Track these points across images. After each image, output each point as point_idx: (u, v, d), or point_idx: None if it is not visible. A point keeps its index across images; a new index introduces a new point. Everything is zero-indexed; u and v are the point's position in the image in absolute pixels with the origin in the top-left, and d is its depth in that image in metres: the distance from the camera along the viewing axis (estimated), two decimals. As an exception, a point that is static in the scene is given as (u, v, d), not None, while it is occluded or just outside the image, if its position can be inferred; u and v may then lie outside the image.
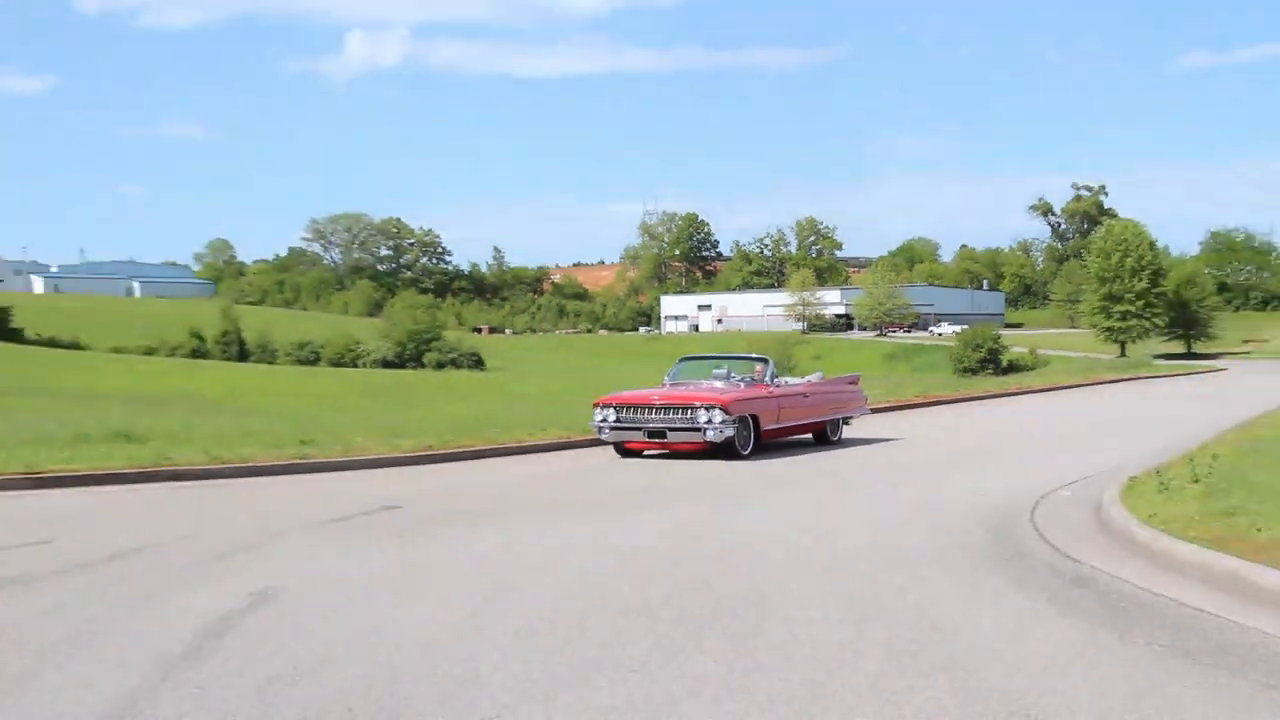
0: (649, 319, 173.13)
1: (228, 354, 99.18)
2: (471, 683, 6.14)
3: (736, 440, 18.43)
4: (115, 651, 6.72)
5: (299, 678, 6.19)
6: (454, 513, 12.95)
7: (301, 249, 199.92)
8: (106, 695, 5.89)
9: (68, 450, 16.73)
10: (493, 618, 7.69)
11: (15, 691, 5.98)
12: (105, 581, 8.86)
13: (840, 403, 22.36)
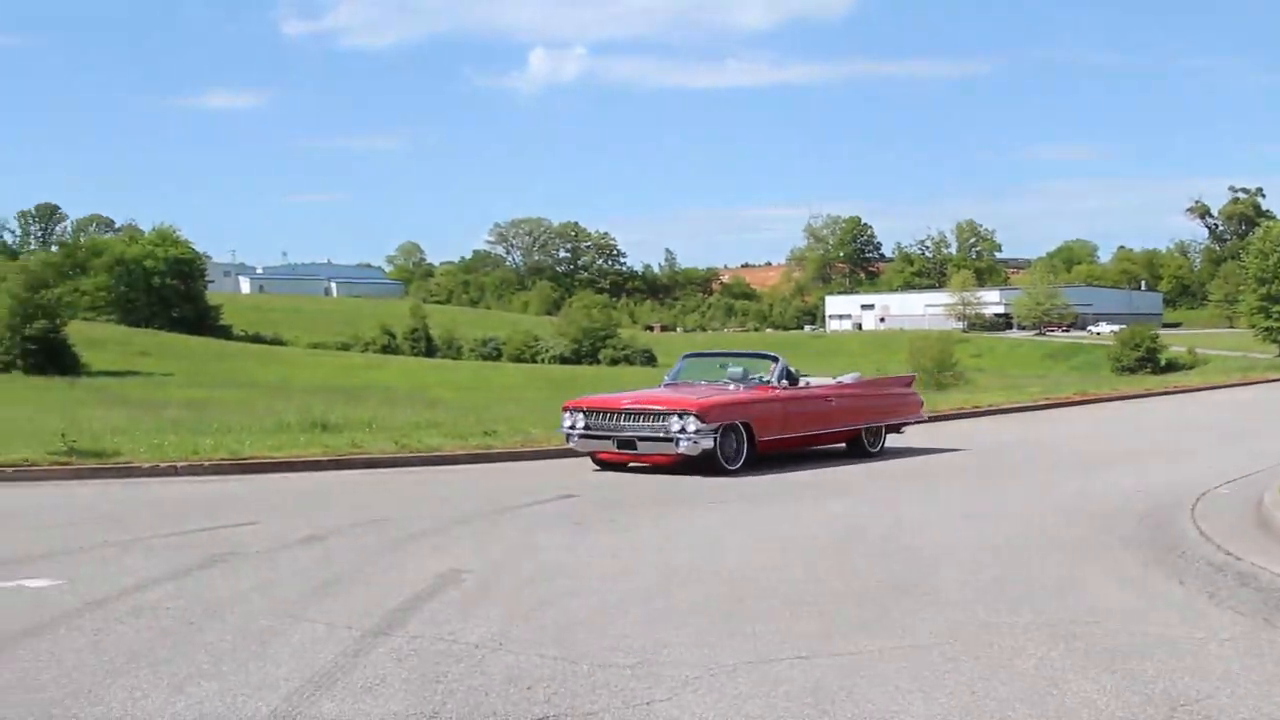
0: (814, 318, 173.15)
1: (416, 349, 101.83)
2: (650, 660, 6.38)
3: (720, 453, 15.70)
4: (323, 622, 7.18)
5: (498, 645, 6.58)
6: (626, 501, 13.41)
7: (486, 251, 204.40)
8: (322, 658, 6.32)
9: (270, 439, 17.77)
10: (667, 599, 8.00)
11: (229, 661, 6.42)
12: (307, 561, 9.44)
13: (881, 408, 19.03)
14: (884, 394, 19.75)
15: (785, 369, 17.56)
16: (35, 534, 10.79)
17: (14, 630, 6.94)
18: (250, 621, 7.24)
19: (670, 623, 7.31)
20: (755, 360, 18.77)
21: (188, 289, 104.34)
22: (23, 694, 5.71)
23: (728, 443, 15.93)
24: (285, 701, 5.62)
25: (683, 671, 6.18)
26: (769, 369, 17.66)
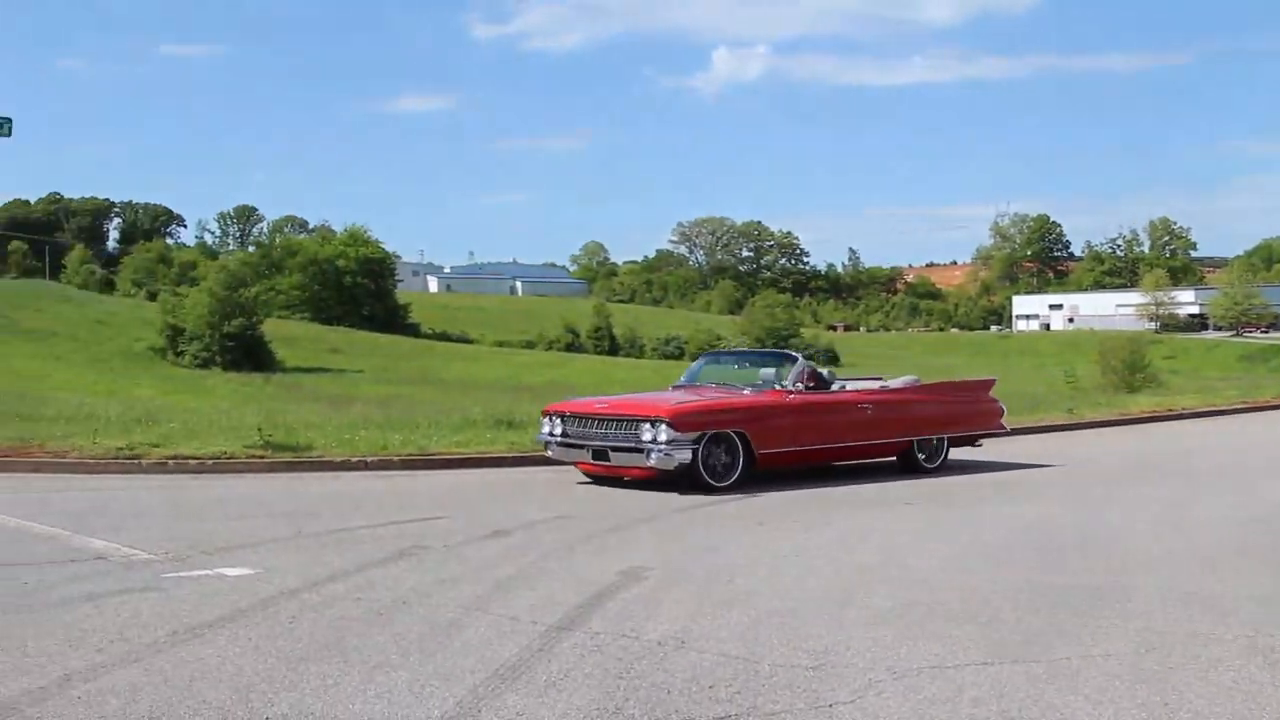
0: (1000, 318, 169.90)
1: (599, 348, 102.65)
2: (833, 661, 6.35)
3: (702, 466, 13.75)
4: (507, 616, 7.30)
5: (680, 643, 6.62)
6: (809, 501, 13.32)
7: (669, 251, 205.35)
8: (507, 651, 6.42)
9: (456, 435, 18.10)
10: (850, 600, 7.92)
11: (416, 652, 6.57)
12: (492, 555, 9.58)
13: (941, 417, 16.74)
14: (944, 401, 17.27)
15: (805, 371, 15.47)
16: (233, 524, 11.17)
17: (213, 616, 7.19)
18: (437, 614, 7.39)
19: (854, 624, 7.26)
20: (773, 360, 16.87)
21: (378, 288, 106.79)
22: (223, 676, 5.92)
23: (714, 455, 13.95)
24: (470, 693, 5.73)
25: (866, 674, 6.13)
26: (786, 371, 15.48)
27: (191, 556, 9.28)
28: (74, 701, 5.50)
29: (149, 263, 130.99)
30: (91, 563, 9.00)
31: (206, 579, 8.43)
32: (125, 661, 6.16)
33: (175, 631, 6.80)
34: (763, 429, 14.49)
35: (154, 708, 5.43)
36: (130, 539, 9.96)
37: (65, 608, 7.42)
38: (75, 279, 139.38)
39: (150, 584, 8.20)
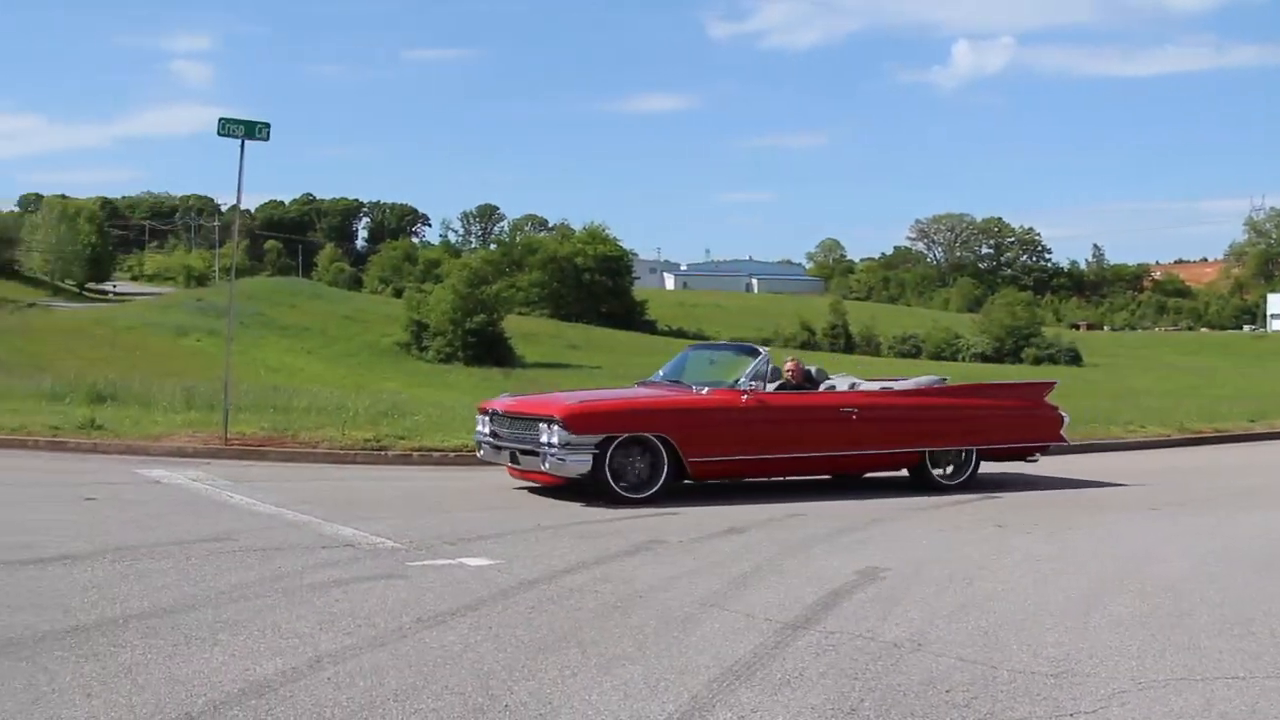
0: (1254, 317, 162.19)
1: (835, 346, 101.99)
2: (1075, 670, 6.19)
3: (609, 473, 12.31)
4: (742, 613, 7.30)
5: (917, 646, 6.56)
6: (1050, 504, 13.05)
7: (906, 248, 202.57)
8: (741, 648, 6.42)
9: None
10: (1093, 608, 7.71)
11: (652, 646, 6.62)
12: (727, 552, 9.60)
13: (969, 427, 14.37)
14: (973, 407, 14.77)
15: (767, 368, 13.49)
16: (474, 515, 11.45)
17: (455, 605, 7.38)
18: (672, 608, 7.44)
19: (1097, 632, 7.06)
20: (735, 355, 14.74)
21: (615, 285, 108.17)
22: (464, 663, 6.07)
23: (627, 461, 12.48)
24: (705, 688, 5.75)
25: (1110, 684, 5.96)
26: (743, 367, 13.57)
27: (435, 546, 9.55)
28: (324, 682, 5.71)
29: (395, 260, 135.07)
30: (341, 550, 9.33)
31: (449, 568, 8.66)
32: (372, 645, 6.37)
33: (419, 618, 7.00)
34: (694, 434, 12.80)
35: (399, 690, 5.60)
36: (377, 528, 10.30)
37: (316, 592, 7.71)
38: (326, 276, 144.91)
39: (396, 572, 8.46)
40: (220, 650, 6.21)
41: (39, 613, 6.96)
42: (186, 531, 9.99)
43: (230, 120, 16.85)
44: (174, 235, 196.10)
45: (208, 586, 7.81)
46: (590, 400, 13.50)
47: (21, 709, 5.24)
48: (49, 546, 9.11)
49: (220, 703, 5.37)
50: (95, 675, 5.74)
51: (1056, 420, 14.99)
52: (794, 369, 14.21)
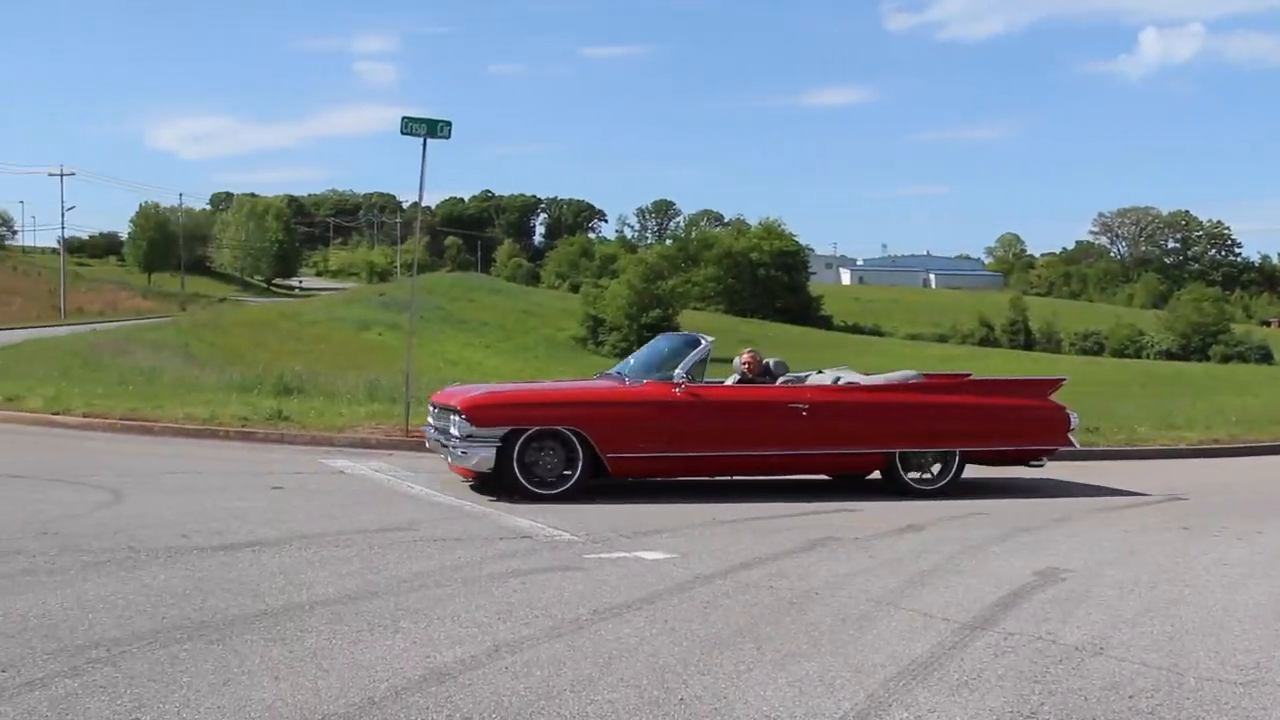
0: None
1: (1014, 342, 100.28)
2: (1267, 679, 6.00)
3: (517, 468, 11.85)
4: (919, 612, 7.22)
5: (1099, 650, 6.39)
6: (1238, 506, 12.66)
7: (1088, 242, 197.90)
8: (918, 648, 6.34)
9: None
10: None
11: (828, 643, 6.59)
12: (904, 550, 9.48)
13: (950, 427, 13.14)
14: (957, 405, 13.36)
15: (702, 360, 12.69)
16: (651, 509, 11.51)
17: (631, 598, 7.43)
18: (848, 606, 7.39)
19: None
20: (678, 345, 13.61)
21: (791, 280, 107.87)
22: (640, 656, 6.10)
23: (542, 456, 12.01)
24: (881, 687, 5.70)
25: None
26: (681, 358, 12.79)
27: (611, 539, 9.63)
28: (502, 671, 5.79)
29: (572, 256, 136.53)
30: (519, 541, 9.46)
31: (625, 561, 8.72)
32: (550, 636, 6.45)
33: (596, 610, 7.06)
34: (611, 428, 12.14)
35: (575, 681, 5.66)
36: (555, 520, 10.43)
37: (495, 582, 7.83)
38: (504, 272, 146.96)
39: (573, 564, 8.55)
40: (402, 637, 6.35)
41: (229, 597, 7.19)
42: (370, 521, 10.24)
43: (413, 119, 17.19)
44: (357, 232, 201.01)
45: (390, 575, 7.99)
46: (497, 391, 13.17)
47: (213, 689, 5.42)
48: (239, 533, 9.42)
49: (402, 688, 5.49)
50: (282, 659, 5.91)
51: (1061, 421, 13.51)
52: (749, 361, 13.57)
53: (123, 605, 6.92)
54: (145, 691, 5.36)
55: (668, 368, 12.88)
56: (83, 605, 6.89)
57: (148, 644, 6.10)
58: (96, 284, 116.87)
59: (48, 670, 5.62)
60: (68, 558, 8.27)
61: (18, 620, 6.51)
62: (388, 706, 5.25)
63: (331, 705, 5.25)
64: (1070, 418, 13.53)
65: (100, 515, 10.25)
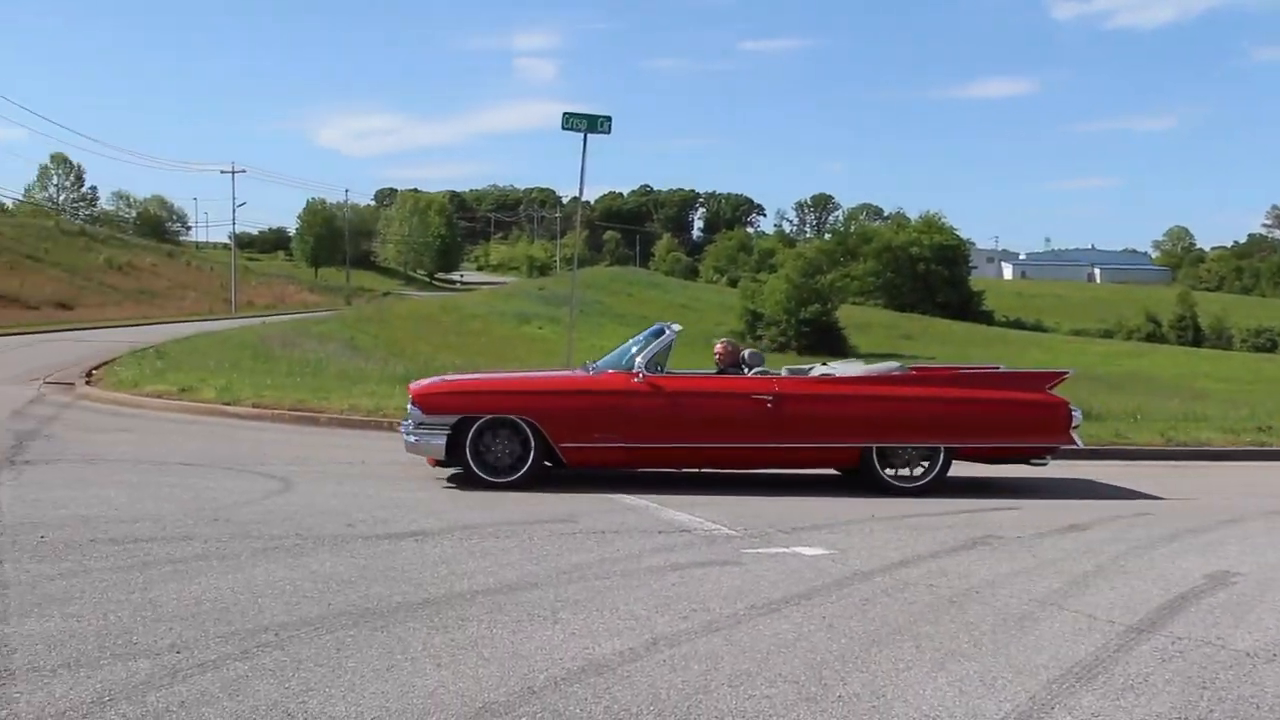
0: None
1: (1182, 339, 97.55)
2: None
3: (467, 456, 11.97)
4: (1083, 613, 7.05)
5: (1272, 656, 6.20)
6: None
7: (1261, 235, 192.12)
8: (1082, 649, 6.21)
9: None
10: None
11: (988, 643, 6.51)
12: (1067, 549, 9.28)
13: (934, 421, 12.52)
14: (937, 399, 12.77)
15: (664, 349, 12.54)
16: (809, 504, 11.48)
17: (789, 593, 7.41)
18: (1009, 606, 7.27)
19: None
20: (647, 335, 13.09)
21: (951, 275, 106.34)
22: (797, 652, 6.09)
23: (496, 445, 12.06)
24: (1044, 689, 5.60)
25: None
26: (645, 347, 12.62)
27: (769, 534, 9.60)
28: (660, 664, 5.82)
29: (730, 250, 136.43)
30: (677, 535, 9.49)
31: (783, 556, 8.69)
32: (707, 630, 6.46)
33: (753, 605, 7.06)
34: (563, 418, 12.14)
35: (733, 676, 5.66)
36: (712, 514, 10.44)
37: (653, 576, 7.87)
38: (663, 266, 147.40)
39: (730, 558, 8.55)
40: (561, 628, 6.41)
41: (392, 585, 7.34)
42: (529, 513, 10.36)
43: (574, 114, 17.38)
44: (517, 227, 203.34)
45: (549, 566, 8.07)
46: (451, 380, 13.16)
47: (377, 675, 5.54)
48: (402, 523, 9.61)
49: (561, 679, 5.55)
50: (444, 646, 6.01)
51: (1060, 417, 12.69)
52: (722, 351, 13.25)
53: (290, 591, 7.11)
54: (312, 676, 5.50)
55: (623, 358, 12.81)
56: (252, 590, 7.10)
57: (314, 629, 6.26)
58: (265, 278, 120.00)
59: (219, 653, 5.80)
60: (238, 544, 8.52)
61: (191, 603, 6.73)
62: (546, 696, 5.31)
63: (492, 693, 5.33)
64: (1072, 414, 12.71)
65: (269, 503, 10.54)
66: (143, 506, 10.13)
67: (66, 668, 5.53)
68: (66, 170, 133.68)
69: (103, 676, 5.42)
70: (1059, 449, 12.98)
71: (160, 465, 12.97)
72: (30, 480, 11.56)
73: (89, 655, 5.72)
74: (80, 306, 78.50)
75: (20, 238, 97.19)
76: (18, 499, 10.37)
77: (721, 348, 13.34)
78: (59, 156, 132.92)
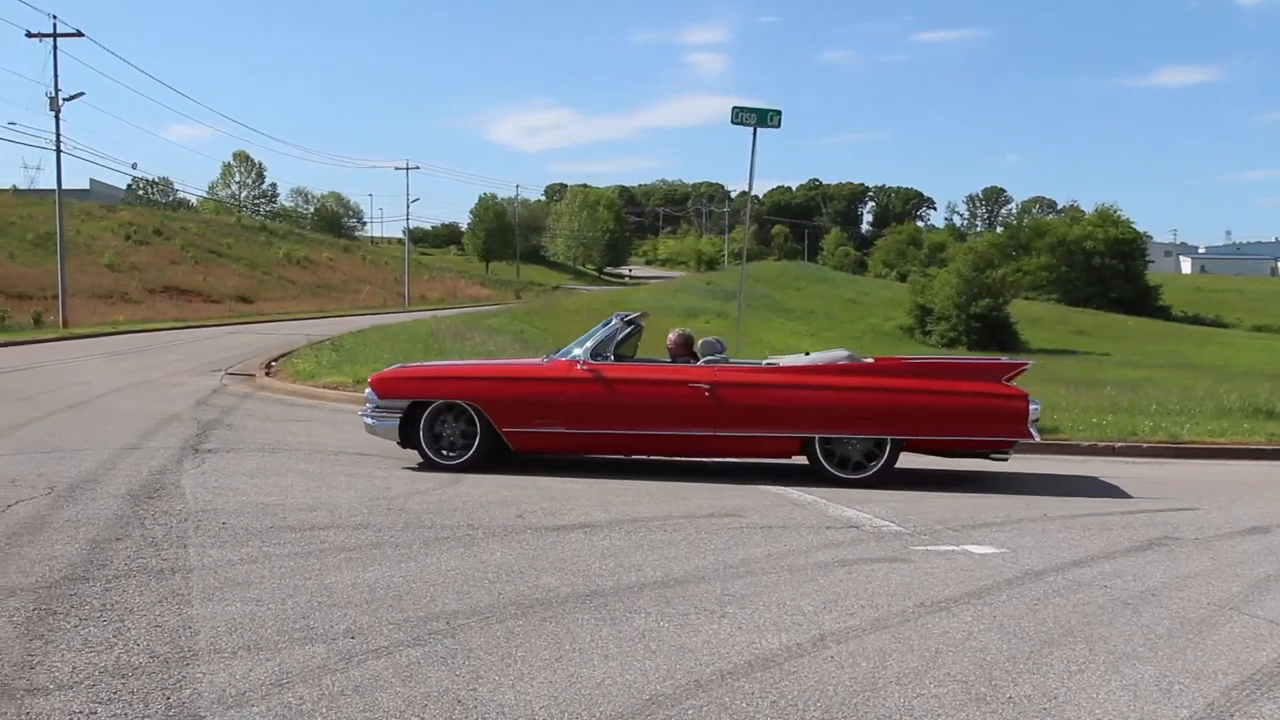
0: None
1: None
2: None
3: (420, 438, 12.57)
4: (1265, 619, 6.86)
5: None
6: None
7: None
8: (1263, 656, 6.06)
9: (1209, 423, 17.25)
10: None
11: (1164, 647, 6.36)
12: (1249, 552, 9.01)
13: (876, 411, 12.19)
14: (883, 389, 12.34)
15: (608, 337, 12.72)
16: (978, 502, 11.29)
17: (958, 592, 7.32)
18: (1186, 609, 7.08)
19: None
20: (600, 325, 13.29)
21: (1127, 269, 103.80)
22: (966, 651, 6.01)
23: (447, 428, 12.57)
24: (1222, 696, 5.45)
25: None
26: (592, 336, 12.93)
27: (938, 531, 9.49)
28: (827, 660, 5.80)
29: (900, 244, 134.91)
30: (845, 531, 9.43)
31: (953, 554, 8.58)
32: (875, 627, 6.41)
33: (922, 603, 6.99)
34: (505, 404, 12.49)
35: (901, 674, 5.61)
36: (881, 510, 10.36)
37: (820, 571, 7.84)
38: (831, 260, 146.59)
39: (899, 555, 8.47)
40: (728, 622, 6.43)
41: (561, 576, 7.43)
42: (697, 507, 10.39)
43: (743, 109, 17.38)
44: (686, 221, 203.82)
45: (716, 560, 8.09)
46: (406, 368, 13.82)
47: (545, 665, 5.61)
48: (570, 514, 9.72)
49: (727, 673, 5.56)
50: (612, 638, 6.07)
51: (1016, 411, 12.16)
52: (673, 340, 13.11)
53: (461, 580, 7.24)
54: (482, 664, 5.60)
55: (573, 347, 12.97)
56: (425, 579, 7.24)
57: (484, 618, 6.37)
58: (438, 272, 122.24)
59: (392, 639, 5.94)
60: (411, 533, 8.70)
61: (365, 590, 6.90)
62: (714, 690, 5.33)
63: (659, 686, 5.36)
64: (1030, 407, 12.20)
65: (441, 494, 10.74)
66: (319, 495, 10.41)
67: (246, 650, 5.71)
68: (248, 168, 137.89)
69: (281, 659, 5.59)
70: (1016, 443, 12.51)
71: (335, 455, 13.31)
72: (212, 468, 11.95)
73: (268, 639, 5.90)
74: (260, 300, 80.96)
75: (204, 234, 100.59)
76: (201, 485, 10.74)
77: (674, 336, 13.25)
78: (241, 154, 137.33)
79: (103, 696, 5.08)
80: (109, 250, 79.15)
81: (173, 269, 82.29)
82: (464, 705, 5.07)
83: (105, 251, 78.20)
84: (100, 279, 69.98)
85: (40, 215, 76.50)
